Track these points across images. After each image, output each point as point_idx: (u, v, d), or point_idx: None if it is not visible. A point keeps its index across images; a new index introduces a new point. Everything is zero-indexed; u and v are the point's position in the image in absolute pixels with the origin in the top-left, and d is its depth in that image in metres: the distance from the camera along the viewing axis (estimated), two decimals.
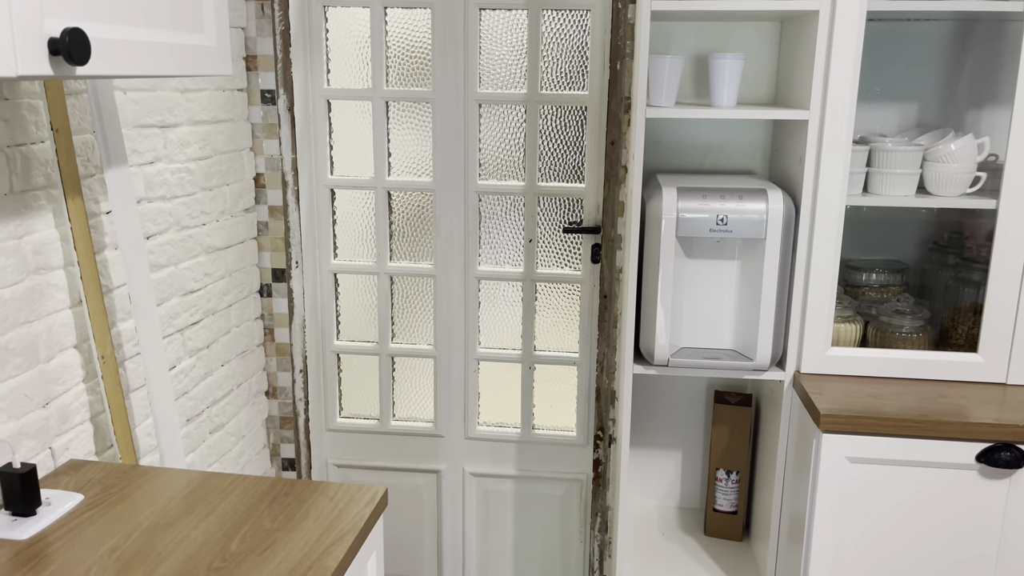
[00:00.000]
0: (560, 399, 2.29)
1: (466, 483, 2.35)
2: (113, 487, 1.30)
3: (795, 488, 1.73)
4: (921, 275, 1.97)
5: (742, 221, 1.67)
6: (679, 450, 2.21)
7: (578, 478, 2.30)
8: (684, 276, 1.76)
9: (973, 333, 1.76)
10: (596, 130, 2.09)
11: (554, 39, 2.06)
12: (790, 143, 1.81)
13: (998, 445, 1.50)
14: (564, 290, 2.21)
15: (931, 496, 1.55)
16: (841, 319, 1.80)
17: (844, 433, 1.55)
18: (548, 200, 2.16)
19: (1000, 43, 1.83)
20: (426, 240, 2.23)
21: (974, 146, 1.66)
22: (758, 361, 1.73)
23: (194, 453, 1.88)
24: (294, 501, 1.27)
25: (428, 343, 2.29)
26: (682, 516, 2.20)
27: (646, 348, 1.79)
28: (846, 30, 1.59)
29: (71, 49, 0.84)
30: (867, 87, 1.88)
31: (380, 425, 2.34)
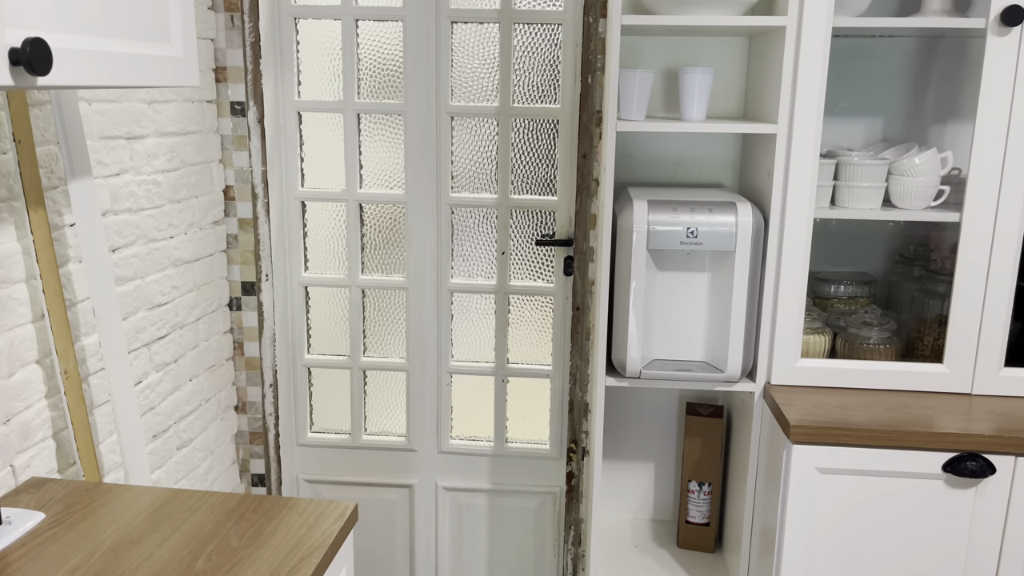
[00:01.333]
0: (533, 412, 2.28)
1: (439, 497, 2.33)
2: (76, 505, 1.27)
3: (766, 499, 1.74)
4: (888, 287, 1.99)
5: (712, 234, 1.68)
6: (652, 462, 2.22)
7: (551, 491, 2.29)
8: (655, 288, 1.77)
9: (939, 344, 1.79)
10: (568, 143, 2.10)
11: (526, 53, 2.07)
12: (759, 156, 1.83)
13: (964, 455, 1.52)
14: (537, 302, 2.21)
15: (900, 505, 1.57)
16: (810, 331, 1.81)
17: (814, 444, 1.56)
18: (520, 213, 2.16)
19: (963, 60, 1.87)
20: (398, 253, 2.22)
21: (937, 160, 1.69)
22: (729, 373, 1.74)
23: (160, 470, 1.84)
24: (262, 517, 1.25)
25: (400, 356, 2.28)
26: (655, 528, 2.20)
27: (618, 360, 1.79)
28: (812, 46, 1.61)
29: (32, 59, 0.82)
30: (834, 102, 1.91)
31: (352, 440, 2.32)
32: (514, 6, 2.04)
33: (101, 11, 0.99)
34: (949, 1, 1.69)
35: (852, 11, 1.67)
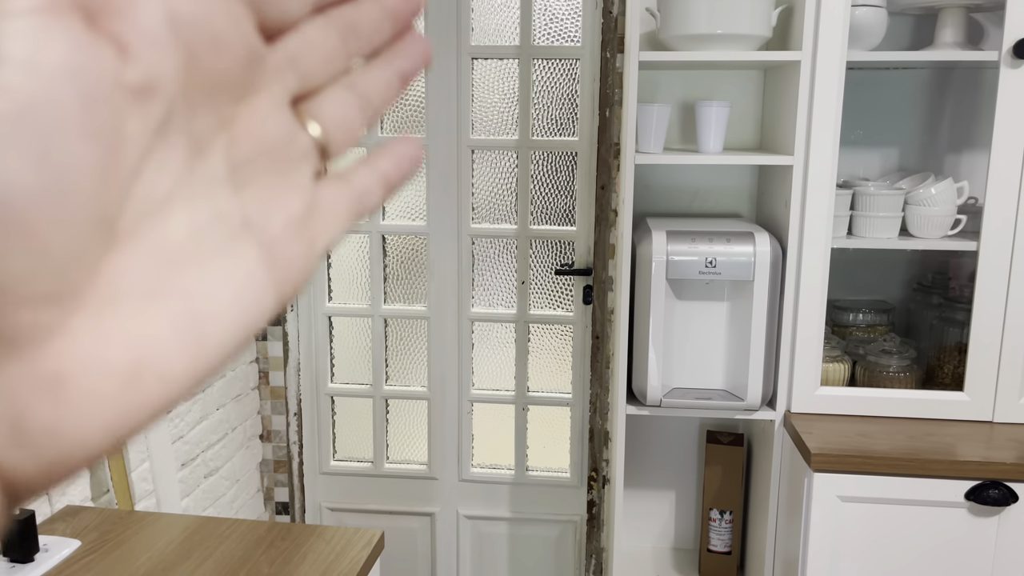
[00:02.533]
0: (554, 440, 2.30)
1: (460, 526, 2.34)
2: (110, 533, 1.30)
3: (788, 527, 1.74)
4: (907, 315, 2.00)
5: (730, 264, 1.71)
6: (672, 490, 2.22)
7: (572, 519, 2.30)
8: (675, 317, 1.79)
9: (959, 372, 1.79)
10: (586, 175, 2.14)
11: (545, 87, 2.12)
12: (776, 187, 1.86)
13: (986, 483, 1.53)
14: (557, 331, 2.24)
15: (922, 534, 1.57)
16: (829, 359, 1.83)
17: (835, 472, 1.57)
18: (540, 243, 2.20)
19: (977, 90, 1.90)
20: (420, 283, 2.26)
21: (953, 190, 1.71)
22: (749, 401, 1.76)
23: (188, 498, 1.87)
24: (291, 545, 1.27)
25: (422, 385, 2.30)
26: (676, 557, 2.20)
27: (638, 389, 1.81)
28: (827, 79, 1.64)
29: None
30: (849, 132, 1.94)
31: (374, 468, 2.35)
32: (533, 42, 2.09)
33: None
34: (962, 34, 1.72)
35: (866, 45, 1.70)
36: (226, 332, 0.20)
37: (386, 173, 0.25)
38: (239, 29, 0.20)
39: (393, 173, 0.26)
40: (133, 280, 0.19)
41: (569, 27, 2.09)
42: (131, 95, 0.18)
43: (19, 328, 0.17)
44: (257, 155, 0.21)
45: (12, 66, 0.16)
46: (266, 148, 0.22)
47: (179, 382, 0.19)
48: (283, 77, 0.22)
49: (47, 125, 0.16)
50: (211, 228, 0.20)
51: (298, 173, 0.23)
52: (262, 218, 0.21)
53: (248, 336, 0.21)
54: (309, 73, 0.23)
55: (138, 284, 0.19)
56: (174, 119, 0.19)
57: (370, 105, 0.25)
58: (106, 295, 0.18)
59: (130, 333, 0.18)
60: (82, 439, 0.18)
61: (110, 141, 0.17)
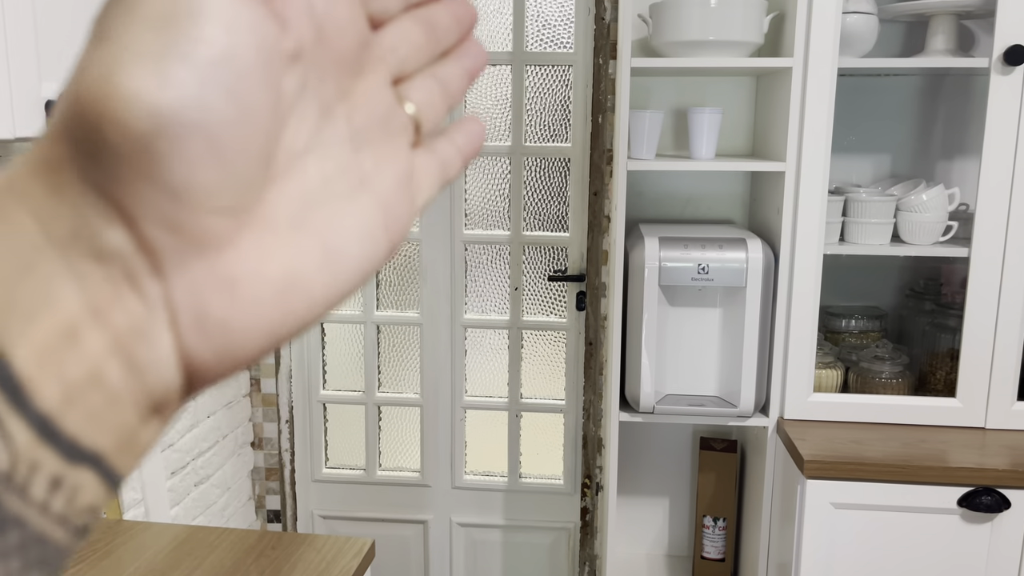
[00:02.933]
0: (547, 447, 2.29)
1: (453, 533, 2.33)
2: (98, 542, 1.29)
3: (782, 534, 1.74)
4: (899, 321, 2.01)
5: (723, 270, 1.71)
6: (666, 497, 2.22)
7: (566, 527, 2.29)
8: (667, 324, 1.79)
9: (951, 378, 1.79)
10: (579, 181, 2.14)
11: (538, 93, 2.12)
12: (768, 194, 1.86)
13: (979, 489, 1.52)
14: (550, 338, 2.23)
15: (915, 541, 1.56)
16: (822, 365, 1.82)
17: (828, 479, 1.57)
18: (533, 249, 2.19)
19: (968, 96, 1.90)
20: (413, 289, 2.25)
21: (945, 196, 1.71)
22: (742, 407, 1.75)
23: (178, 506, 1.86)
24: (281, 554, 1.26)
25: (414, 392, 2.30)
26: (670, 564, 2.20)
27: (631, 395, 1.81)
28: (818, 86, 1.65)
29: None
30: (841, 138, 1.94)
31: (366, 475, 2.34)
32: (526, 48, 2.09)
33: None
34: (952, 40, 1.73)
35: (857, 51, 1.71)
36: (353, 266, 0.25)
37: (462, 147, 0.30)
38: (355, 18, 0.25)
39: (467, 147, 0.30)
40: (283, 212, 0.23)
41: (562, 33, 2.09)
42: (287, 57, 0.22)
43: (206, 232, 0.21)
44: (370, 123, 0.26)
45: (213, 23, 0.20)
46: (377, 118, 0.26)
47: (318, 301, 0.24)
48: (386, 61, 0.27)
49: (238, 70, 0.20)
50: (338, 178, 0.25)
51: (401, 141, 0.27)
52: (377, 175, 0.26)
53: (370, 272, 0.26)
54: (404, 60, 0.27)
55: (287, 216, 0.23)
56: (309, 84, 0.23)
57: (448, 93, 0.29)
58: (265, 221, 0.22)
59: (283, 254, 0.23)
60: (247, 335, 0.22)
61: (276, 90, 0.22)
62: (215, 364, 0.22)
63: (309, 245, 0.23)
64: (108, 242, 0.20)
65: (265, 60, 0.21)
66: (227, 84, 0.20)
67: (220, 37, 0.20)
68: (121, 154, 0.19)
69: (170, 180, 0.20)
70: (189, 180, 0.20)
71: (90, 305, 0.20)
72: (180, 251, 0.20)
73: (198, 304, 0.21)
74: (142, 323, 0.20)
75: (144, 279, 0.20)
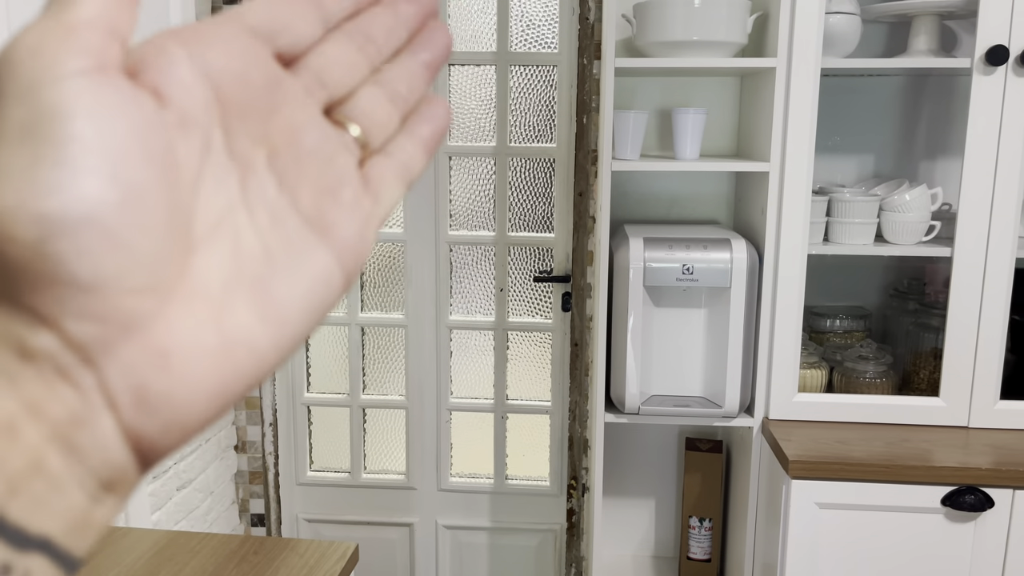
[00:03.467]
0: (533, 448, 2.29)
1: (439, 536, 2.32)
2: None
3: (767, 534, 1.74)
4: (883, 320, 2.01)
5: (707, 270, 1.70)
6: (652, 498, 2.22)
7: (552, 529, 2.29)
8: (653, 324, 1.79)
9: (935, 377, 1.80)
10: (564, 181, 2.13)
11: (522, 94, 2.11)
12: (752, 194, 1.86)
13: (962, 488, 1.53)
14: (535, 339, 2.23)
15: (900, 540, 1.57)
16: (807, 365, 1.83)
17: (813, 479, 1.57)
18: (518, 250, 2.19)
19: (951, 97, 1.91)
20: (397, 290, 2.24)
21: (928, 196, 1.72)
22: (727, 408, 1.75)
23: (160, 511, 1.84)
24: (263, 560, 1.25)
25: (400, 394, 2.28)
26: (657, 565, 2.20)
27: (617, 396, 1.80)
28: (802, 86, 1.65)
29: None
30: (825, 137, 1.95)
31: (351, 478, 2.32)
32: (510, 48, 2.09)
33: None
34: (935, 41, 1.73)
35: (840, 52, 1.71)
36: (303, 309, 0.25)
37: (423, 137, 0.29)
38: (257, 62, 0.25)
39: (430, 136, 0.30)
40: (214, 276, 0.23)
41: (546, 33, 2.08)
42: (172, 128, 0.22)
43: (127, 314, 0.21)
44: (299, 160, 0.26)
45: (77, 118, 0.20)
46: (306, 152, 0.26)
47: (268, 355, 0.24)
48: (312, 92, 0.26)
49: (114, 157, 0.20)
50: (273, 228, 0.25)
51: (342, 166, 0.27)
52: (317, 211, 0.26)
53: (325, 311, 0.26)
54: (335, 84, 0.27)
55: (219, 279, 0.23)
56: (214, 143, 0.24)
57: (399, 95, 0.29)
58: (195, 289, 0.23)
59: (218, 319, 0.23)
60: (192, 402, 0.22)
61: (165, 162, 0.22)
62: (164, 436, 0.22)
63: (250, 302, 0.23)
64: (34, 344, 0.20)
65: (144, 137, 0.21)
66: (107, 172, 0.20)
67: (87, 130, 0.20)
68: (22, 266, 0.20)
69: (75, 276, 0.20)
70: (93, 272, 0.20)
71: (24, 402, 0.20)
72: (106, 338, 0.21)
73: (134, 382, 0.21)
74: (78, 411, 0.21)
75: (75, 371, 0.21)
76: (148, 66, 0.22)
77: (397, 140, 0.29)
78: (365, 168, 0.28)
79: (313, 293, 0.25)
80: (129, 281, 0.21)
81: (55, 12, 0.21)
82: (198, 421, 0.23)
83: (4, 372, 0.20)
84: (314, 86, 0.26)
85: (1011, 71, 1.58)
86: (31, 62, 0.20)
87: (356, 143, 0.27)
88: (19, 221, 0.20)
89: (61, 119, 0.20)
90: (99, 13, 0.21)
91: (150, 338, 0.21)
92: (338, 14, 0.27)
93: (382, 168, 0.28)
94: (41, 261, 0.20)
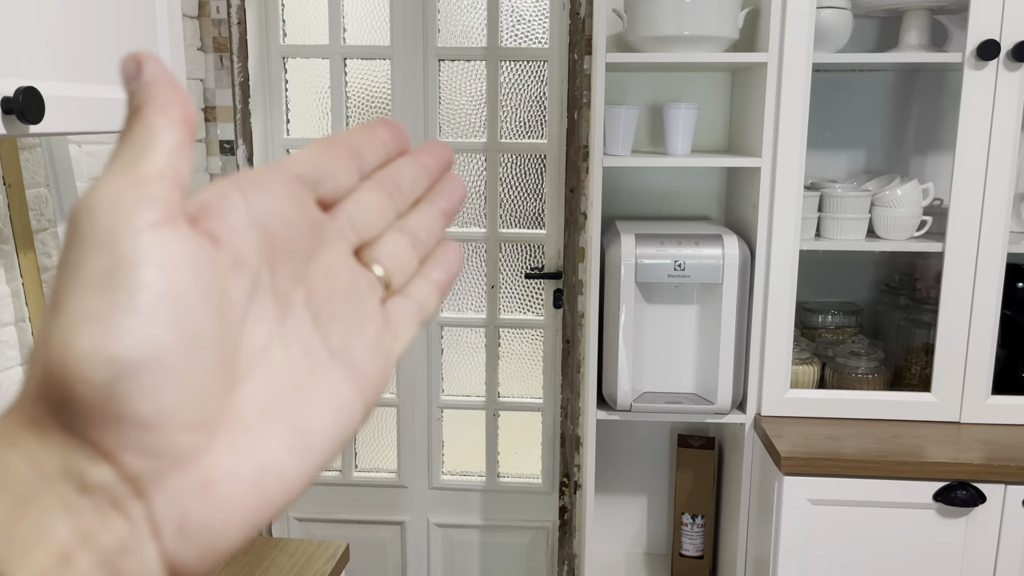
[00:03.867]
0: (525, 446, 2.28)
1: (431, 534, 2.31)
2: None
3: (759, 531, 1.74)
4: (875, 316, 2.01)
5: (699, 266, 1.70)
6: (644, 495, 2.21)
7: (544, 526, 2.28)
8: (644, 321, 1.78)
9: (926, 373, 1.80)
10: (556, 177, 2.12)
11: (513, 89, 2.10)
12: (744, 189, 1.85)
13: (954, 484, 1.53)
14: (527, 336, 2.22)
15: (892, 536, 1.57)
16: (799, 361, 1.82)
17: (805, 475, 1.56)
18: (510, 246, 2.18)
19: (942, 92, 1.91)
20: None
21: (919, 191, 1.72)
22: (719, 404, 1.75)
23: None
24: (253, 559, 1.24)
25: (390, 392, 2.27)
26: (649, 562, 2.19)
27: (609, 393, 1.79)
28: (793, 81, 1.64)
29: (24, 108, 0.83)
30: (817, 133, 1.94)
31: (342, 476, 2.31)
32: (500, 44, 2.07)
33: (93, 58, 1.00)
34: (926, 36, 1.73)
35: (831, 47, 1.70)
36: (328, 440, 0.26)
37: (438, 281, 0.32)
38: (302, 208, 0.27)
39: (443, 280, 0.32)
40: (252, 408, 0.25)
41: (536, 28, 2.07)
42: (227, 270, 0.24)
43: (180, 449, 0.23)
44: (332, 298, 0.28)
45: (148, 267, 0.22)
46: (339, 292, 0.28)
47: (295, 482, 0.25)
48: (345, 235, 0.29)
49: (179, 302, 0.22)
50: (305, 361, 0.26)
51: (368, 304, 0.29)
52: (345, 347, 0.28)
53: (346, 440, 0.27)
54: (365, 227, 0.29)
55: (256, 411, 0.25)
56: (261, 282, 0.25)
57: (419, 241, 0.31)
58: (236, 421, 0.24)
59: (254, 449, 0.24)
60: (227, 530, 0.24)
61: (220, 304, 0.24)
62: (199, 562, 0.23)
63: (281, 433, 0.25)
64: (92, 477, 0.22)
65: (204, 283, 0.23)
66: (172, 317, 0.22)
67: (157, 279, 0.22)
68: (90, 404, 0.21)
69: (138, 414, 0.22)
70: (155, 410, 0.22)
71: (79, 532, 0.22)
72: (158, 472, 0.22)
73: (178, 513, 0.23)
74: (127, 540, 0.22)
75: (127, 502, 0.22)
76: (209, 212, 0.24)
77: (415, 282, 0.31)
78: (387, 307, 0.30)
79: (337, 424, 0.27)
80: (184, 418, 0.22)
81: (129, 164, 0.23)
82: (230, 547, 0.24)
83: (64, 502, 0.22)
84: (348, 229, 0.29)
85: (1002, 66, 1.58)
86: (111, 214, 0.22)
87: (380, 283, 0.30)
88: (94, 363, 0.21)
89: (136, 269, 0.22)
90: (167, 165, 0.23)
91: (197, 470, 0.23)
92: (373, 164, 0.30)
93: (402, 308, 0.30)
94: (109, 400, 0.21)
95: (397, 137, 0.32)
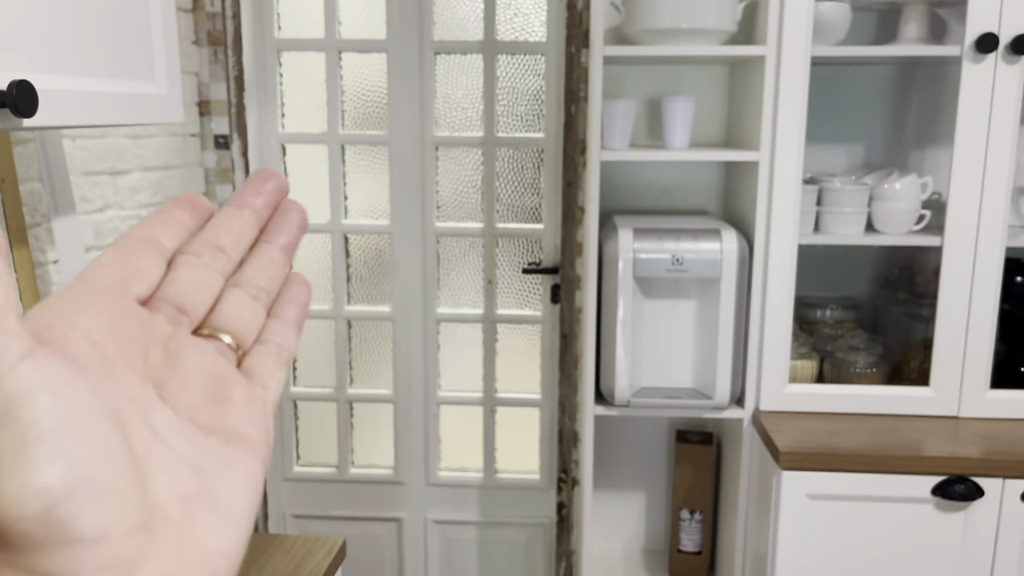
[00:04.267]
0: (522, 442, 2.27)
1: (428, 531, 2.31)
2: None
3: (758, 526, 1.73)
4: (874, 311, 2.01)
5: (697, 261, 1.69)
6: (643, 491, 2.21)
7: (542, 522, 2.27)
8: (642, 316, 1.77)
9: (925, 367, 1.79)
10: (553, 172, 2.11)
11: (510, 83, 2.09)
12: (742, 184, 1.84)
13: (952, 478, 1.53)
14: (525, 331, 2.21)
15: (890, 530, 1.57)
16: (797, 356, 1.82)
17: (803, 470, 1.56)
18: (507, 241, 2.17)
19: (940, 85, 1.90)
20: (384, 283, 2.21)
21: (917, 185, 1.71)
22: (717, 399, 1.74)
23: None
24: (250, 556, 1.23)
25: (387, 388, 2.26)
26: (647, 558, 2.19)
27: (607, 388, 1.79)
28: (792, 75, 1.63)
29: (18, 102, 0.82)
30: (815, 127, 1.93)
31: (339, 473, 2.30)
32: (497, 37, 2.06)
33: (87, 51, 0.99)
34: (925, 29, 1.72)
35: (830, 40, 1.70)
36: (247, 505, 0.28)
37: (292, 318, 0.32)
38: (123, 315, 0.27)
39: (296, 316, 0.33)
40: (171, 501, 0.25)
41: (533, 21, 2.06)
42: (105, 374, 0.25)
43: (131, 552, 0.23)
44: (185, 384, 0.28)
45: (40, 394, 0.22)
46: (189, 375, 0.28)
47: (237, 555, 0.27)
48: (176, 319, 0.29)
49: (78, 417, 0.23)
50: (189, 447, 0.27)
51: (225, 372, 0.29)
52: (216, 421, 0.28)
53: (259, 497, 0.28)
54: (194, 304, 0.29)
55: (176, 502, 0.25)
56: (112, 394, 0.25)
57: (262, 289, 0.31)
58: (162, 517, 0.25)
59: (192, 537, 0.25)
60: None
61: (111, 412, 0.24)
62: None
63: (206, 514, 0.26)
64: None
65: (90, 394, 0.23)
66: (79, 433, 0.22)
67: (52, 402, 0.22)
68: (36, 539, 0.22)
69: (84, 533, 0.22)
70: (98, 522, 0.22)
71: None
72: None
73: None
74: None
75: None
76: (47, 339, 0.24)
77: (269, 325, 0.31)
78: (245, 362, 0.30)
79: (247, 487, 0.28)
80: (127, 522, 0.23)
81: None
82: None
83: None
84: (176, 315, 0.29)
85: (1001, 59, 1.57)
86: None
87: (230, 348, 0.30)
88: (25, 500, 0.22)
89: (29, 400, 0.22)
90: (5, 295, 0.23)
91: (147, 569, 0.24)
92: (176, 244, 0.30)
93: (261, 357, 0.31)
94: (53, 529, 0.22)
95: (196, 212, 0.31)
